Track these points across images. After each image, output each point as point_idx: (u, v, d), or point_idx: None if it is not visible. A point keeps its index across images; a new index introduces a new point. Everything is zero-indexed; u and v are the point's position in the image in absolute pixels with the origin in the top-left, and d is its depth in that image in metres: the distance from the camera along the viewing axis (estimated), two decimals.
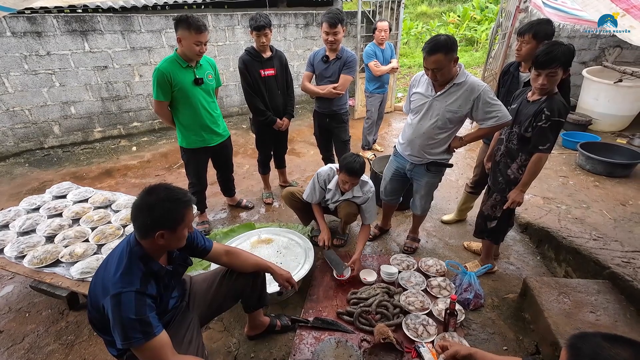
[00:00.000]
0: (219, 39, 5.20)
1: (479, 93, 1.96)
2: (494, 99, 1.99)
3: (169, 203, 1.26)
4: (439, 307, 2.14)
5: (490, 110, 1.98)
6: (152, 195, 1.27)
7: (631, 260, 2.18)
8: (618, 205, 3.08)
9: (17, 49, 4.03)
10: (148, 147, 4.84)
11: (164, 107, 2.49)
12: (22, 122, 4.36)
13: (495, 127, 2.04)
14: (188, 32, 2.26)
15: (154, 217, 1.24)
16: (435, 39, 1.86)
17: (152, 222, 1.24)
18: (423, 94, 2.13)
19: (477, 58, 10.08)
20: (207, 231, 2.97)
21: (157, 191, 1.28)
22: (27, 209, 2.58)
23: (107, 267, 1.31)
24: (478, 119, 2.05)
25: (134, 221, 1.28)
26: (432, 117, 2.11)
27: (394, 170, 2.52)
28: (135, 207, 1.27)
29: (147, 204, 1.25)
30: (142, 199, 1.27)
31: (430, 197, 2.52)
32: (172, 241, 1.32)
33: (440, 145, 2.20)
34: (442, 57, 1.85)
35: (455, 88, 2.01)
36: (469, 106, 2.00)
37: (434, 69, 1.90)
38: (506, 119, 1.98)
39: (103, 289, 1.24)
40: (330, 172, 2.52)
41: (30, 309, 2.29)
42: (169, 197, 1.27)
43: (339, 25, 2.71)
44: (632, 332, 1.73)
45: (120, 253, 1.31)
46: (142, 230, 1.27)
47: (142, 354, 1.23)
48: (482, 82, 2.02)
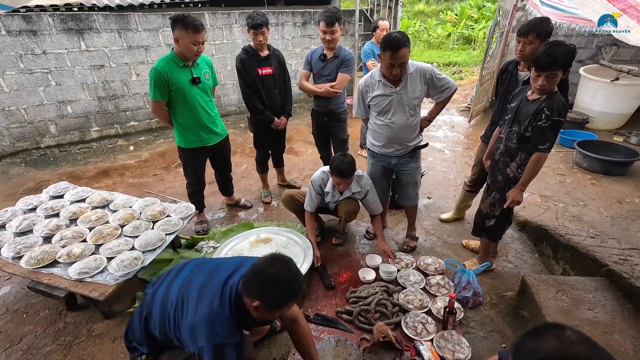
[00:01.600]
0: (216, 38, 5.18)
1: (430, 73, 2.18)
2: (440, 74, 2.22)
3: (285, 287, 1.26)
4: (437, 305, 2.15)
5: (442, 84, 2.22)
6: (275, 268, 1.26)
7: (628, 258, 2.19)
8: (615, 203, 3.10)
9: (13, 48, 3.99)
10: (145, 147, 4.82)
11: (161, 107, 2.47)
12: (18, 121, 4.33)
13: (449, 97, 2.28)
14: (185, 31, 2.24)
15: (262, 288, 1.25)
16: (395, 36, 1.97)
17: (259, 291, 1.25)
18: (384, 94, 2.23)
19: (474, 56, 10.10)
20: (206, 231, 2.96)
21: (281, 268, 1.27)
22: (24, 209, 2.56)
23: (201, 301, 1.31)
24: (434, 94, 2.28)
25: (247, 277, 1.29)
26: (404, 109, 2.23)
27: (380, 169, 2.57)
28: (254, 266, 1.29)
29: (266, 273, 1.25)
30: (264, 264, 1.28)
31: (419, 182, 2.63)
32: (263, 315, 1.31)
33: (415, 130, 2.36)
34: (407, 50, 2.00)
35: (410, 77, 2.17)
36: (426, 87, 2.22)
37: (400, 63, 2.03)
38: (455, 85, 2.26)
39: (198, 328, 1.26)
40: (323, 176, 2.52)
41: (28, 309, 2.27)
42: (288, 282, 1.27)
43: (337, 24, 2.70)
44: (629, 329, 1.75)
45: (220, 294, 1.31)
46: (248, 290, 1.28)
47: None
48: (424, 63, 2.23)
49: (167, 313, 1.38)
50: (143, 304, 1.53)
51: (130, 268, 2.06)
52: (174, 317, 1.35)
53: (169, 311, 1.37)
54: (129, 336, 1.55)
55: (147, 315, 1.46)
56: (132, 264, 2.08)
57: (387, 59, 2.01)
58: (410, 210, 2.72)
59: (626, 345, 1.66)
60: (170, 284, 1.46)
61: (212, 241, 2.77)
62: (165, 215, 2.57)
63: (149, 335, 1.47)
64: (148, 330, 1.46)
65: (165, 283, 1.49)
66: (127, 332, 1.56)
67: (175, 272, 1.53)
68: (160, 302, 1.42)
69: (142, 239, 2.28)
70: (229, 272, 1.39)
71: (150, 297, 1.49)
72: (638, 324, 1.79)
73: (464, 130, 5.20)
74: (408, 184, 2.55)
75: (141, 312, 1.50)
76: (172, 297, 1.39)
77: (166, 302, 1.40)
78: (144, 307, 1.49)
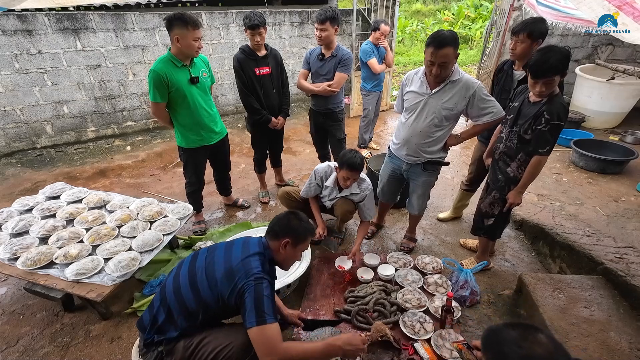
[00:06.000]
0: (214, 37, 5.16)
1: (475, 90, 1.99)
2: (488, 96, 2.04)
3: (305, 224, 1.64)
4: (435, 304, 2.16)
5: (485, 106, 2.03)
6: (295, 215, 1.65)
7: (624, 256, 2.21)
8: (611, 202, 3.12)
9: (8, 48, 3.96)
10: (142, 147, 4.80)
11: (161, 108, 2.45)
12: (13, 121, 4.30)
13: (490, 123, 2.08)
14: (185, 29, 2.22)
15: (290, 227, 1.58)
16: (442, 33, 1.86)
17: (288, 229, 1.57)
18: (417, 92, 2.12)
19: (471, 56, 10.13)
20: (203, 231, 2.96)
21: (300, 215, 1.66)
22: (20, 210, 2.55)
23: (231, 253, 1.51)
24: (473, 115, 2.08)
25: (271, 226, 1.60)
26: (428, 115, 2.11)
27: (390, 171, 2.51)
28: (278, 217, 1.64)
29: (289, 218, 1.61)
30: (287, 215, 1.64)
31: (427, 197, 2.52)
32: (287, 254, 1.59)
33: (437, 144, 2.20)
34: (451, 50, 1.86)
35: (450, 85, 2.02)
36: (465, 103, 2.03)
37: (441, 63, 1.89)
38: (500, 114, 2.04)
39: (235, 270, 1.42)
40: (327, 169, 2.52)
41: (25, 311, 2.26)
42: (306, 222, 1.65)
43: (328, 22, 2.71)
44: (625, 327, 1.76)
45: (252, 245, 1.55)
46: (276, 233, 1.57)
47: (264, 333, 1.35)
48: (475, 79, 2.04)
49: (196, 286, 1.47)
50: (154, 298, 1.58)
51: (127, 269, 2.05)
52: (207, 283, 1.45)
53: (198, 283, 1.47)
54: (152, 330, 1.53)
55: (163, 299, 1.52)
56: (129, 265, 2.07)
57: (429, 56, 1.90)
58: (412, 216, 2.69)
59: (622, 343, 1.68)
60: (193, 263, 1.56)
61: (210, 241, 2.76)
62: (163, 216, 2.56)
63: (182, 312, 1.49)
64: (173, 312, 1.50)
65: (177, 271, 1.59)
66: (150, 328, 1.53)
67: (192, 256, 1.63)
68: (188, 275, 1.51)
69: (140, 239, 2.27)
70: (242, 240, 1.62)
71: (161, 289, 1.57)
72: (634, 321, 1.80)
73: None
74: (414, 193, 2.47)
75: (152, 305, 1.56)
76: (200, 266, 1.51)
77: (194, 277, 1.49)
78: (156, 299, 1.56)
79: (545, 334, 0.93)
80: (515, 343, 0.92)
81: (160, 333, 1.51)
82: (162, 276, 2.39)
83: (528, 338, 0.92)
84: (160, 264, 2.53)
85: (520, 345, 0.91)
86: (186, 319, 1.48)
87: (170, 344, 1.49)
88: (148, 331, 1.52)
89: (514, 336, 0.94)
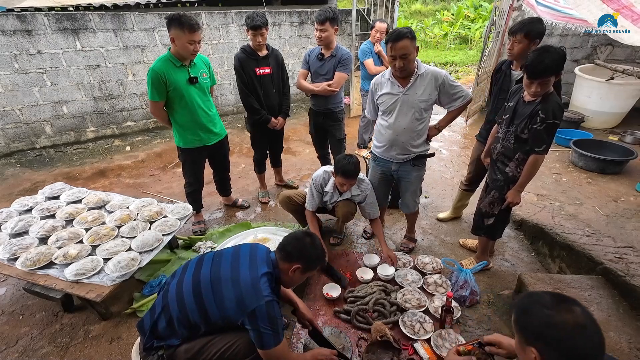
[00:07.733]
0: (213, 38, 5.16)
1: (443, 78, 2.12)
2: (454, 82, 2.16)
3: (319, 253, 1.59)
4: (435, 304, 2.16)
5: (455, 92, 2.15)
6: (311, 238, 1.58)
7: (623, 256, 2.21)
8: (610, 202, 3.12)
9: (7, 48, 3.96)
10: (142, 147, 4.80)
11: (159, 107, 2.46)
12: (12, 122, 4.29)
13: (462, 107, 2.21)
14: (181, 31, 2.23)
15: (302, 252, 1.53)
16: (398, 29, 1.98)
17: (300, 254, 1.52)
18: (391, 92, 2.19)
19: (471, 56, 10.14)
20: (203, 231, 2.95)
21: (315, 240, 1.59)
22: (19, 210, 2.55)
23: (238, 268, 1.49)
24: (445, 102, 2.20)
25: (284, 245, 1.55)
26: (408, 112, 2.18)
27: (379, 174, 2.53)
28: (295, 237, 1.58)
29: (304, 242, 1.55)
30: (303, 237, 1.57)
31: (420, 191, 2.57)
32: (294, 277, 1.56)
33: (421, 136, 2.29)
34: (408, 42, 1.95)
35: (420, 79, 2.12)
36: (436, 92, 2.15)
37: (402, 55, 1.98)
38: (469, 96, 2.18)
39: (246, 295, 1.41)
40: (324, 175, 2.52)
41: (24, 311, 2.26)
42: (321, 250, 1.60)
43: (327, 23, 2.72)
44: (625, 327, 1.76)
45: (260, 261, 1.52)
46: (288, 255, 1.53)
47: (277, 352, 1.44)
48: (439, 69, 2.17)
49: (201, 299, 1.46)
50: (155, 303, 1.58)
51: (127, 269, 2.05)
52: (214, 299, 1.44)
53: (203, 296, 1.45)
54: (152, 335, 1.54)
55: (165, 306, 1.51)
56: (129, 265, 2.07)
57: (389, 51, 2.01)
58: (409, 215, 2.70)
59: (621, 342, 1.68)
60: (196, 271, 1.54)
61: (210, 241, 2.76)
62: (163, 216, 2.56)
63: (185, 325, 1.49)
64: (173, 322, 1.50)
65: (180, 277, 1.57)
66: (150, 332, 1.53)
67: (195, 262, 1.60)
68: (192, 288, 1.48)
69: (139, 239, 2.27)
70: (249, 250, 1.59)
71: (163, 294, 1.56)
72: (633, 321, 1.81)
73: (461, 130, 5.22)
74: (406, 192, 2.50)
75: (153, 309, 1.55)
76: (205, 278, 1.49)
77: (199, 288, 1.47)
78: (158, 304, 1.55)
79: (582, 308, 0.91)
80: (545, 305, 0.91)
81: (160, 339, 1.50)
82: (162, 276, 2.39)
83: (561, 305, 0.90)
84: (160, 264, 2.53)
85: (548, 308, 0.90)
86: (188, 329, 1.47)
87: (171, 349, 1.49)
88: (148, 336, 1.51)
89: (547, 300, 0.93)
